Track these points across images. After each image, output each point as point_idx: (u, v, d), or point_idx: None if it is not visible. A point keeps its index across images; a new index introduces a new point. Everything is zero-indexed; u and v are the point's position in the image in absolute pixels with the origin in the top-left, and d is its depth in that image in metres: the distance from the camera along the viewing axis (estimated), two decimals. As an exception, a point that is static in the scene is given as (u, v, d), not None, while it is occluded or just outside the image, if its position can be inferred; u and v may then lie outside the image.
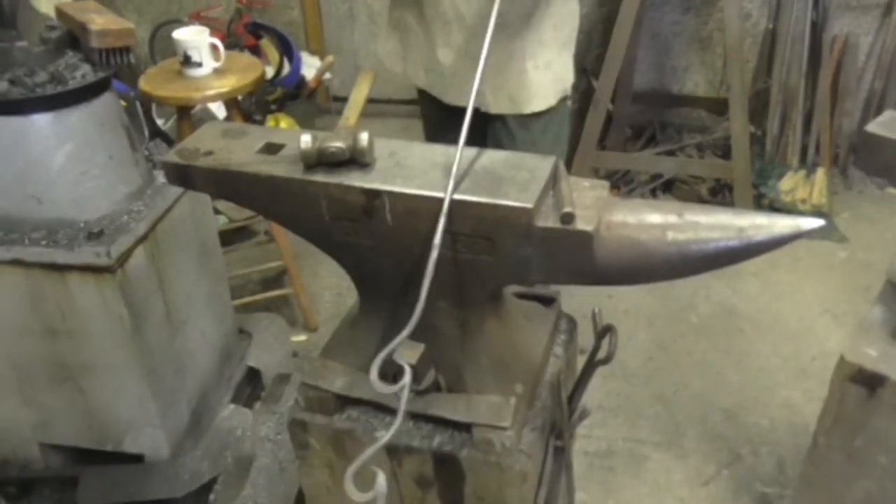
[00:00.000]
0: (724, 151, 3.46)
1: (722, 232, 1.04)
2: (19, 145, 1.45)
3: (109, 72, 1.51)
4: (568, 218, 1.04)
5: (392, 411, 1.25)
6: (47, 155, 1.46)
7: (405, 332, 1.05)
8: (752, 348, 2.54)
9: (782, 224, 1.03)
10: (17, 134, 1.44)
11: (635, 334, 2.59)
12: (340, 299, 2.78)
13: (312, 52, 4.11)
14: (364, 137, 1.13)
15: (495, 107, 1.84)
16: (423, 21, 1.84)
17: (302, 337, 2.61)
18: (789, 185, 3.29)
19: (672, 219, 1.06)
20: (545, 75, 1.82)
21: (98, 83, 1.49)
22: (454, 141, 1.10)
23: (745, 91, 3.14)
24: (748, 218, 1.04)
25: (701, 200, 3.34)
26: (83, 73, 1.48)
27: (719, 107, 3.59)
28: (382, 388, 1.03)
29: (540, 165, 1.13)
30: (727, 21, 3.03)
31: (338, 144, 1.12)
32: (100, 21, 1.49)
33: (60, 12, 1.58)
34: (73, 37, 1.54)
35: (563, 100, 1.92)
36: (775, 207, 3.23)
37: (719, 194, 3.38)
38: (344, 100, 4.19)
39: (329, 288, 2.86)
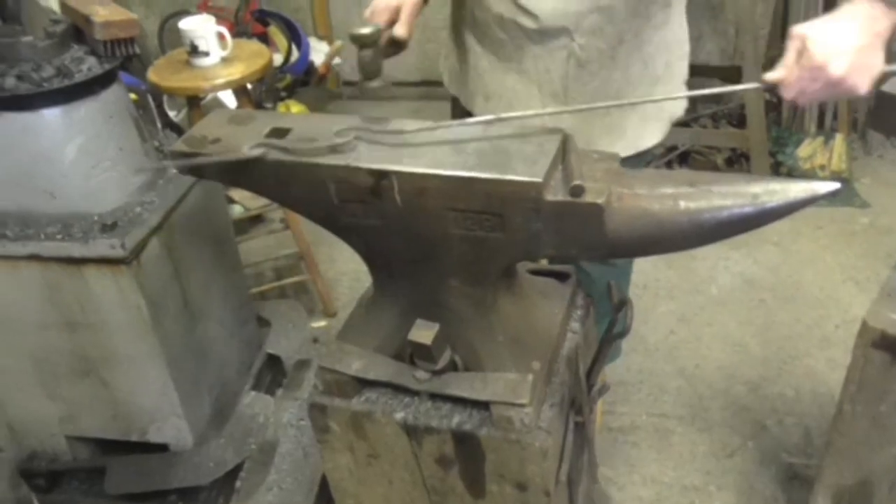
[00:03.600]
0: (740, 120, 3.41)
1: (735, 199, 1.02)
2: (30, 140, 1.46)
3: (115, 63, 1.51)
4: (578, 191, 1.03)
5: (410, 392, 1.25)
6: (58, 149, 1.47)
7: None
8: (774, 318, 2.52)
9: (797, 189, 1.02)
10: (26, 129, 1.45)
11: (655, 308, 2.57)
12: (358, 284, 2.78)
13: (321, 38, 4.10)
14: None
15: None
16: (486, 50, 1.54)
17: (321, 323, 2.62)
18: (807, 151, 3.24)
19: (684, 188, 1.05)
20: (630, 117, 1.52)
21: (105, 75, 1.49)
22: None
23: (758, 58, 3.08)
24: (762, 184, 1.02)
25: (717, 171, 3.30)
26: (89, 66, 1.48)
27: (733, 75, 3.53)
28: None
29: (548, 139, 1.11)
30: (739, -14, 2.98)
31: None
32: (103, 13, 1.48)
33: (64, 5, 1.58)
34: (77, 30, 1.54)
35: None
36: (794, 175, 3.18)
37: (736, 164, 3.33)
38: (355, 84, 4.18)
39: (346, 273, 2.86)
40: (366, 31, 1.23)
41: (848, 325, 2.43)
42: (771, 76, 1.09)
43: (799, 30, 1.06)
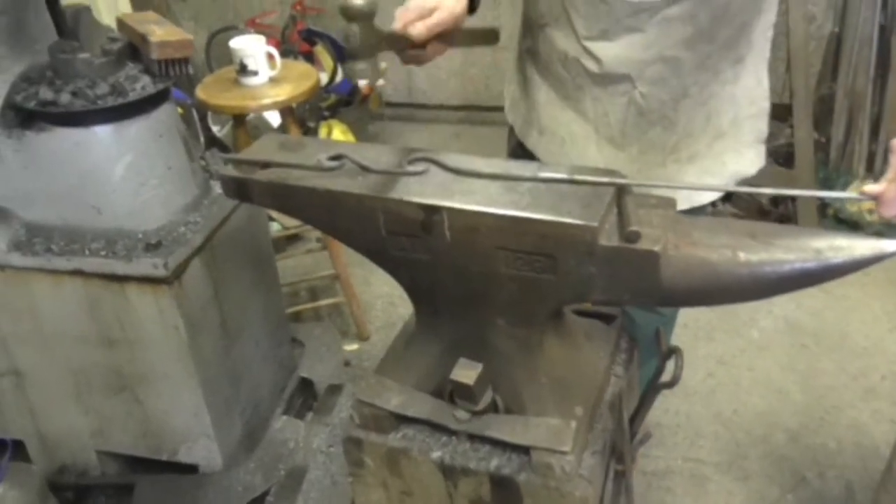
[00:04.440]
0: (786, 159, 3.34)
1: (798, 253, 0.98)
2: (80, 156, 1.47)
3: (168, 83, 1.52)
4: (633, 237, 1.00)
5: (448, 431, 1.23)
6: (107, 166, 1.48)
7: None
8: (816, 366, 2.45)
9: (863, 246, 0.98)
10: (78, 145, 1.46)
11: (694, 350, 2.52)
12: (392, 308, 2.76)
13: (365, 59, 4.11)
14: None
15: None
16: (546, 84, 1.50)
17: (354, 346, 2.60)
18: (855, 194, 3.16)
19: (744, 239, 1.01)
20: (688, 170, 1.44)
21: (157, 94, 1.50)
22: None
23: (809, 97, 3.04)
24: (826, 239, 0.99)
25: (762, 210, 3.24)
26: (143, 85, 1.49)
27: (781, 113, 3.48)
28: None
29: (603, 180, 1.09)
30: (792, 24, 2.94)
31: None
32: (160, 32, 1.49)
33: (122, 23, 1.59)
34: (133, 48, 1.55)
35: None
36: (840, 218, 3.12)
37: (781, 204, 3.27)
38: (397, 106, 4.20)
39: (381, 296, 2.84)
40: (357, 1, 1.09)
41: (894, 376, 2.36)
42: (871, 189, 0.98)
43: None
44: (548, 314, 1.15)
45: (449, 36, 1.25)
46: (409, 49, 1.22)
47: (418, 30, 1.19)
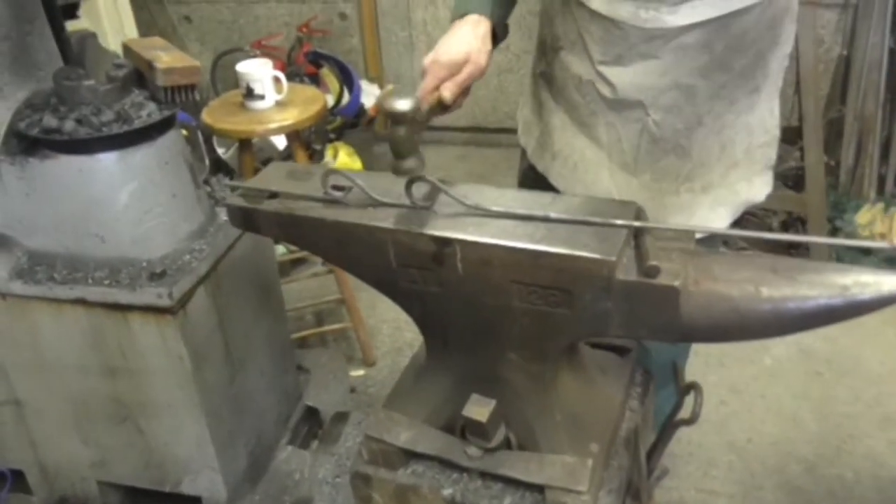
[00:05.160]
0: (795, 182, 3.31)
1: (823, 289, 0.95)
2: (84, 184, 1.45)
3: (174, 110, 1.50)
4: (652, 271, 0.97)
5: (459, 467, 1.19)
6: (111, 194, 1.46)
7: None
8: (831, 393, 2.40)
9: (891, 282, 0.95)
10: (82, 173, 1.44)
11: (705, 377, 2.47)
12: (399, 333, 2.72)
13: (371, 80, 4.11)
14: None
15: None
16: (560, 108, 1.48)
17: (360, 371, 2.56)
18: (866, 218, 3.13)
19: (766, 273, 0.98)
20: (702, 200, 1.42)
21: (163, 121, 1.48)
22: None
23: (819, 120, 3.01)
24: (851, 275, 0.95)
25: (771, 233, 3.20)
26: (149, 112, 1.47)
27: (790, 136, 3.45)
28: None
29: (620, 213, 1.06)
30: (801, 48, 2.92)
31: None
32: (166, 59, 1.48)
33: (128, 49, 1.58)
34: (139, 73, 1.53)
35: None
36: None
37: (791, 228, 3.23)
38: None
39: (387, 321, 2.80)
40: (403, 106, 1.07)
41: (910, 404, 2.32)
42: None
43: None
44: (562, 349, 1.12)
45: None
46: (442, 110, 1.25)
47: (450, 91, 1.23)
